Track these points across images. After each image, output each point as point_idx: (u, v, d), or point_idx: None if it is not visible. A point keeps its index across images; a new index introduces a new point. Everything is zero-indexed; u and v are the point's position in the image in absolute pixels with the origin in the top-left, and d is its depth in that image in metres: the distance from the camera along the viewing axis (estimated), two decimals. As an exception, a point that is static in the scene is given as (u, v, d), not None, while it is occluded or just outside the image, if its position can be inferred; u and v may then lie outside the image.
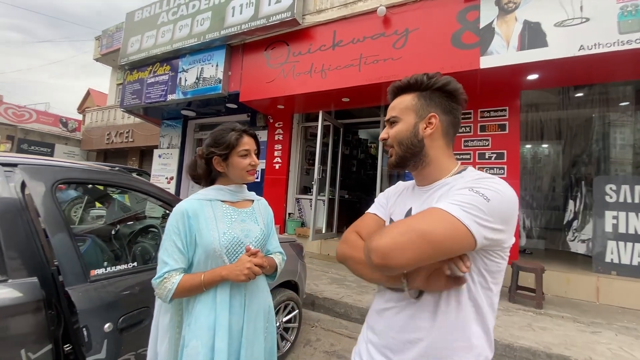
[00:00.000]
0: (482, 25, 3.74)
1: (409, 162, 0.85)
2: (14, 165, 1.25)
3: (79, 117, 17.14)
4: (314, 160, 5.44)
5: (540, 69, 3.65)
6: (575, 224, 4.88)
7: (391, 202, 0.97)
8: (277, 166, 6.43)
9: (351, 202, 7.12)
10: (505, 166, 4.29)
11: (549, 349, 2.44)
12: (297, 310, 2.54)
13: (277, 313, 2.32)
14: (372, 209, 1.00)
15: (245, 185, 1.29)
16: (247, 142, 1.20)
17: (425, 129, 0.82)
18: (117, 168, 1.68)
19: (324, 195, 5.88)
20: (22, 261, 1.20)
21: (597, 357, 2.36)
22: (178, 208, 1.14)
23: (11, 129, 14.28)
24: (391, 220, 0.92)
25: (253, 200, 1.32)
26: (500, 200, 0.67)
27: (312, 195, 5.48)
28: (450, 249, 0.65)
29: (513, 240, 0.73)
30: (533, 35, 3.44)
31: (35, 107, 15.93)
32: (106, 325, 1.23)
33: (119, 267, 1.41)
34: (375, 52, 4.42)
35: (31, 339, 1.17)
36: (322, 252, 5.60)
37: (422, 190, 0.87)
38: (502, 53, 3.59)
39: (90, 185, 2.32)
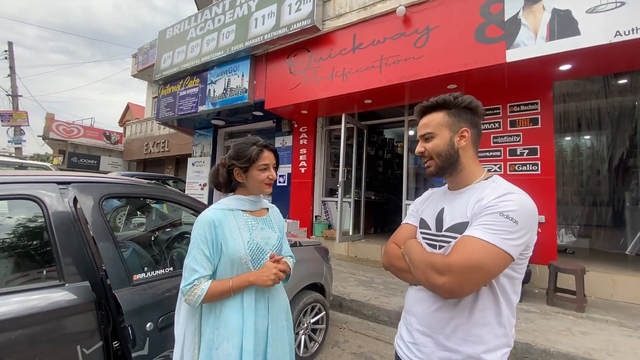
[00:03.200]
0: (507, 17, 3.61)
1: (447, 170, 0.98)
2: (68, 183, 1.42)
3: (121, 130, 18.43)
4: (339, 162, 5.49)
5: (573, 59, 3.46)
6: (622, 220, 4.53)
7: (422, 207, 1.12)
8: (302, 170, 6.56)
9: (378, 203, 7.07)
10: (539, 162, 4.09)
11: (589, 354, 2.31)
12: (324, 312, 2.60)
13: (304, 314, 2.40)
14: (405, 219, 1.16)
15: (262, 195, 1.36)
16: (267, 157, 1.26)
17: (459, 141, 0.96)
18: (153, 181, 1.84)
19: (350, 197, 5.91)
20: (75, 267, 1.36)
21: (644, 365, 2.20)
22: (204, 217, 1.18)
23: (62, 144, 15.66)
24: (422, 220, 1.07)
25: (268, 208, 1.39)
26: (524, 216, 0.82)
27: (337, 197, 5.53)
28: (497, 272, 0.83)
29: (536, 237, 0.88)
30: (563, 24, 3.27)
31: (82, 122, 17.34)
32: (148, 325, 1.37)
33: (157, 272, 1.55)
34: (396, 53, 4.40)
35: (85, 336, 1.32)
36: (349, 254, 5.62)
37: (453, 194, 1.01)
38: (530, 45, 3.44)
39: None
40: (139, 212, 3.33)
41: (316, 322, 2.55)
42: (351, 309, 3.45)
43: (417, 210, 1.13)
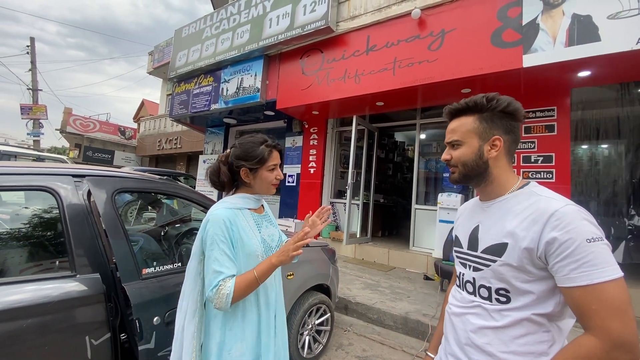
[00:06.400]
0: (524, 21, 3.54)
1: (472, 180, 0.90)
2: (83, 176, 1.45)
3: (135, 125, 18.79)
4: (348, 164, 5.48)
5: (593, 65, 3.37)
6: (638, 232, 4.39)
7: (456, 225, 1.04)
8: (312, 170, 6.56)
9: (387, 206, 7.03)
10: (554, 170, 4.00)
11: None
12: (329, 314, 2.59)
13: (309, 315, 2.39)
14: None
15: None
16: (276, 157, 1.25)
17: (489, 150, 0.86)
18: (165, 177, 1.86)
19: (358, 200, 5.88)
20: (87, 259, 1.39)
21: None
22: (218, 217, 1.13)
23: (79, 137, 16.05)
24: (455, 238, 0.99)
25: (263, 205, 1.38)
26: (597, 226, 0.74)
27: (346, 199, 5.51)
28: None
29: None
30: (583, 29, 3.19)
31: (98, 117, 17.75)
32: (155, 319, 1.39)
33: (166, 267, 1.57)
34: (410, 55, 4.36)
35: (94, 327, 1.34)
36: (356, 257, 5.59)
37: (485, 205, 0.92)
38: (548, 50, 3.37)
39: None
40: (149, 207, 3.38)
41: (321, 324, 2.54)
42: (356, 311, 3.43)
43: (454, 232, 1.07)
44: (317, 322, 2.48)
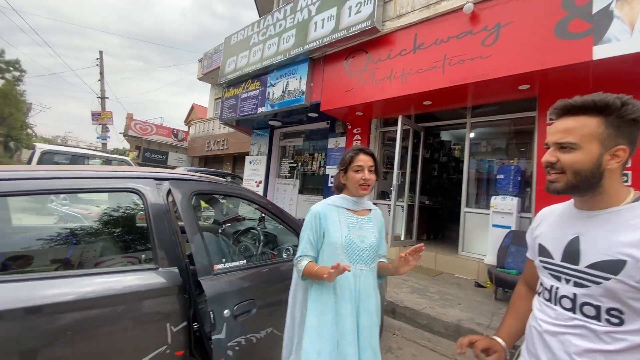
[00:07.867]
0: (595, 9, 3.23)
1: (579, 191, 0.81)
2: (164, 179, 1.62)
3: (186, 128, 20.14)
4: (391, 164, 5.39)
5: (681, 54, 2.98)
6: None
7: (537, 232, 0.97)
8: (355, 171, 6.54)
9: (432, 208, 6.80)
10: (630, 172, 3.59)
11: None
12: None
13: (359, 317, 2.42)
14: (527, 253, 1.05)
15: (365, 197, 1.50)
16: (361, 159, 1.41)
17: (609, 160, 0.77)
18: (229, 179, 2.00)
19: (403, 201, 5.76)
20: (167, 254, 1.54)
21: None
22: (314, 210, 1.43)
23: (138, 140, 17.59)
24: (540, 247, 0.92)
25: (370, 210, 1.54)
26: None
27: (390, 200, 5.43)
28: None
29: None
30: (669, 14, 2.84)
31: (153, 121, 19.29)
32: (225, 311, 1.50)
33: (233, 264, 1.68)
34: (461, 52, 4.19)
35: (173, 315, 1.49)
36: (401, 259, 5.48)
37: (587, 215, 0.83)
38: (624, 40, 3.04)
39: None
40: (202, 205, 3.60)
41: (371, 326, 2.55)
42: (404, 316, 3.37)
43: (532, 238, 1.00)
44: (367, 323, 2.50)
